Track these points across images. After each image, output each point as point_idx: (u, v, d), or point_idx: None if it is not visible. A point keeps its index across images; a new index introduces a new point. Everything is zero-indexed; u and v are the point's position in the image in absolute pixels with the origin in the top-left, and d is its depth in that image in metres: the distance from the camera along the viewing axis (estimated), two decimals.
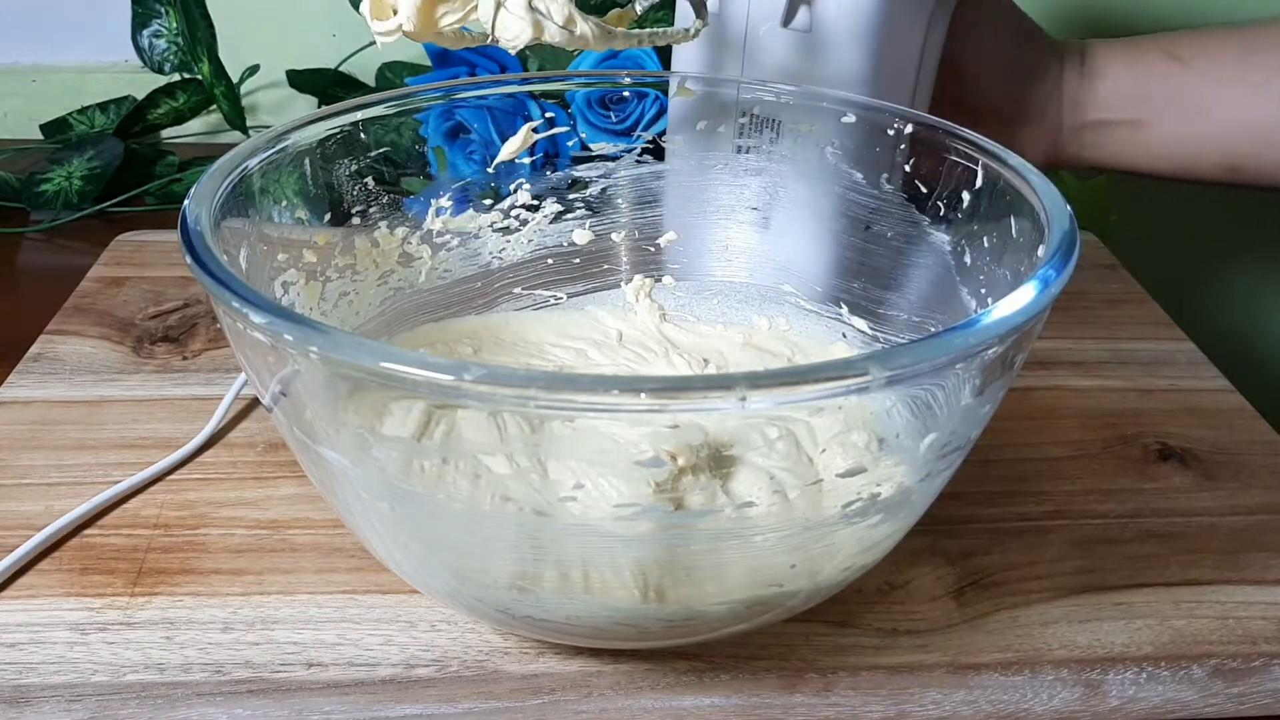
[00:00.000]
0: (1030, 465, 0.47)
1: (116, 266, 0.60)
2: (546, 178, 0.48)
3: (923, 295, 0.43)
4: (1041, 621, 0.39)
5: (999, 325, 0.28)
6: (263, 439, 0.47)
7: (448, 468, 0.33)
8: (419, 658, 0.37)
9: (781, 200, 0.47)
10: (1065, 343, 0.56)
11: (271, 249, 0.39)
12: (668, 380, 0.25)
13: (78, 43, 0.80)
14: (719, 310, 0.49)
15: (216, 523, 0.42)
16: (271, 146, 0.38)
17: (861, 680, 0.37)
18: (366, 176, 0.43)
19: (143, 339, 0.54)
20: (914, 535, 0.36)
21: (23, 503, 0.43)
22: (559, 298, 0.49)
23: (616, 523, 0.31)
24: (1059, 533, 0.43)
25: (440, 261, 0.47)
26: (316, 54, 0.78)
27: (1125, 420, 0.50)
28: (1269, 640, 0.39)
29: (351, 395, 0.32)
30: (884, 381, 0.26)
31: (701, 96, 0.46)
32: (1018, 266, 0.36)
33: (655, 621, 0.33)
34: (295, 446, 0.33)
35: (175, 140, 0.79)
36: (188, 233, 0.31)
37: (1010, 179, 0.37)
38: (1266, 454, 0.48)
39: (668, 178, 0.49)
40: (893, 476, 0.33)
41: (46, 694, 0.35)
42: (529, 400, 0.25)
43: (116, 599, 0.39)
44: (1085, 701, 0.37)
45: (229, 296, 0.28)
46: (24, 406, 0.48)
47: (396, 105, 0.43)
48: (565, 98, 0.51)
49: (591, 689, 0.36)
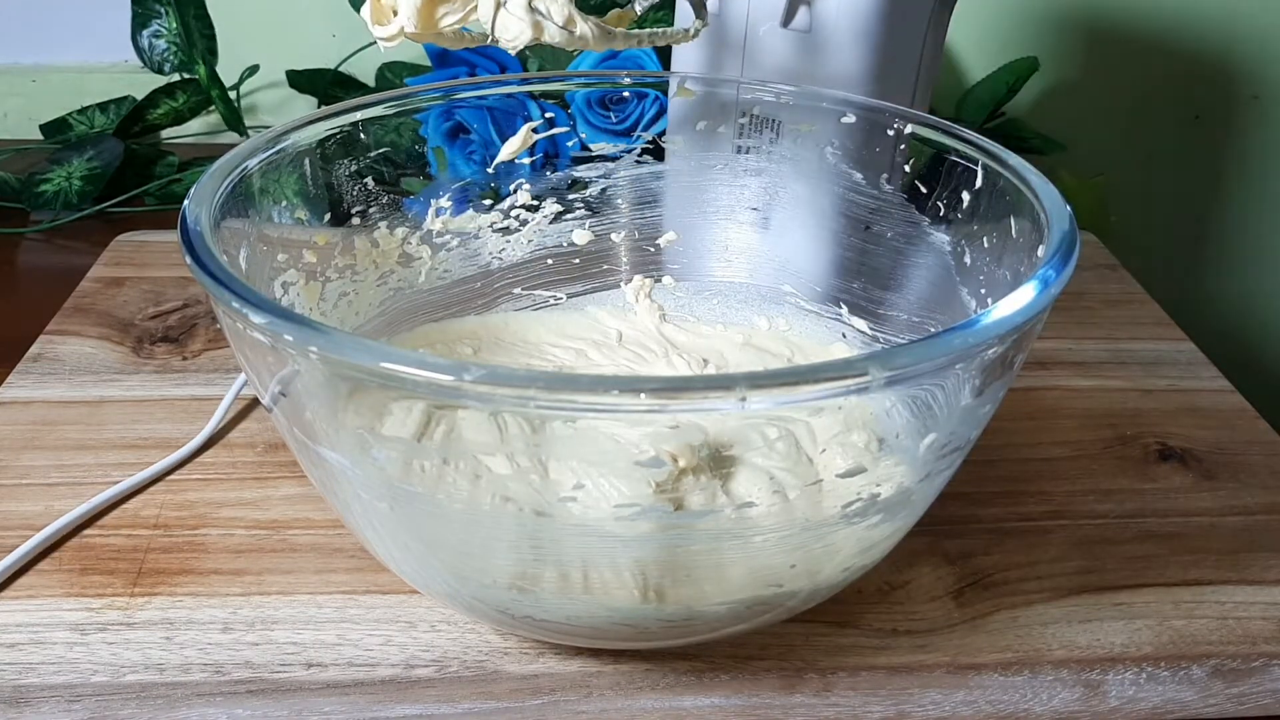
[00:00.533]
0: (1030, 465, 0.47)
1: (116, 266, 0.60)
2: (546, 178, 0.48)
3: (923, 295, 0.43)
4: (1041, 621, 0.39)
5: (999, 325, 0.28)
6: (263, 439, 0.47)
7: (448, 468, 0.33)
8: (419, 658, 0.37)
9: (781, 200, 0.47)
10: (1065, 343, 0.56)
11: (271, 249, 0.39)
12: (668, 380, 0.25)
13: (78, 43, 0.80)
14: (719, 310, 0.49)
15: (216, 523, 0.42)
16: (271, 147, 0.38)
17: (861, 680, 0.37)
18: (366, 177, 0.43)
19: (143, 339, 0.54)
20: (914, 535, 0.36)
21: (23, 503, 0.43)
22: (559, 298, 0.49)
23: (616, 523, 0.31)
24: (1059, 533, 0.43)
25: (440, 262, 0.47)
26: (316, 54, 0.78)
27: (1125, 420, 0.50)
28: (1269, 640, 0.39)
29: (351, 395, 0.32)
30: (884, 381, 0.26)
31: (701, 96, 0.46)
32: (1018, 266, 0.36)
33: (655, 621, 0.33)
34: (295, 447, 0.33)
35: (175, 140, 0.79)
36: (188, 233, 0.31)
37: (1010, 179, 0.37)
38: (1266, 454, 0.48)
39: (668, 178, 0.49)
40: (893, 476, 0.33)
41: (46, 694, 0.35)
42: (529, 400, 0.25)
43: (116, 599, 0.39)
44: (1085, 702, 0.37)
45: (229, 297, 0.28)
46: (24, 406, 0.48)
47: (396, 105, 0.43)
48: (565, 98, 0.51)
49: (591, 689, 0.36)
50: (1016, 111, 0.81)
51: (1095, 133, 0.85)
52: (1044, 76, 0.80)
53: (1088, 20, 0.82)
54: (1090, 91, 0.84)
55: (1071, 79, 0.84)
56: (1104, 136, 0.86)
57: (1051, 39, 0.83)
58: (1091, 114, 0.85)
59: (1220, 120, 0.87)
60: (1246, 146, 0.88)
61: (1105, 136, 0.86)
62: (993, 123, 0.78)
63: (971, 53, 0.82)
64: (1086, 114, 0.85)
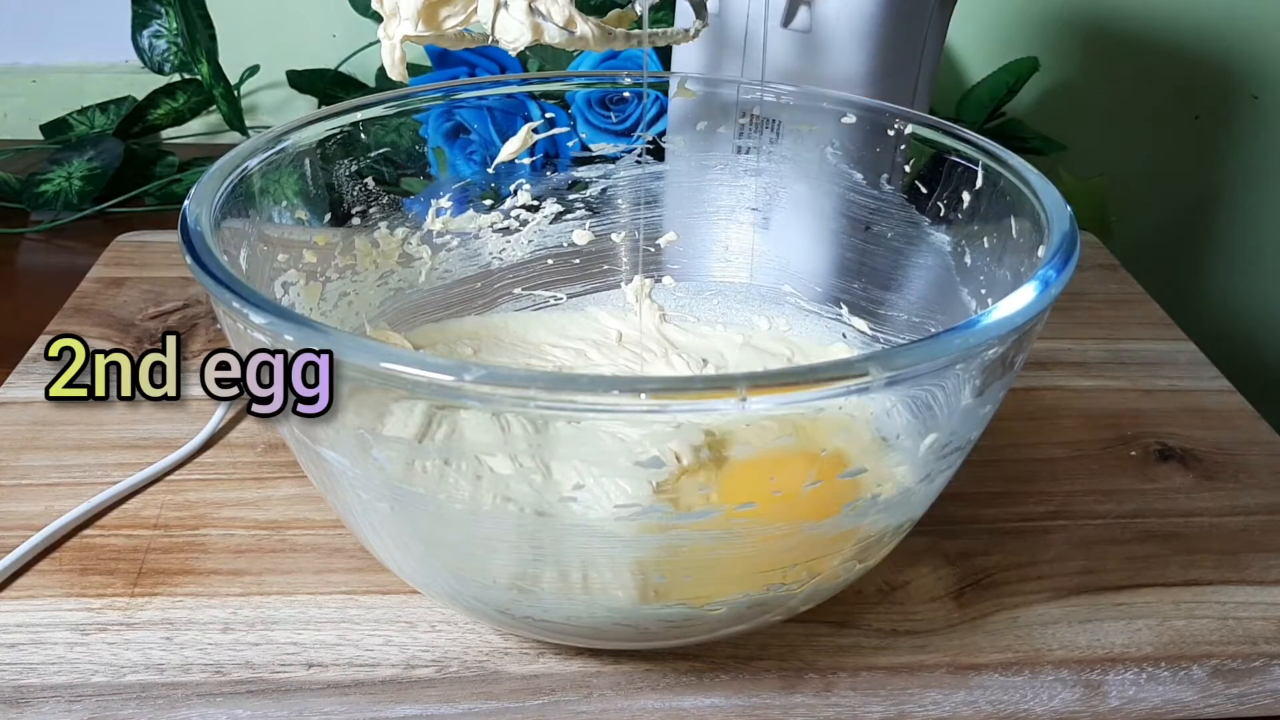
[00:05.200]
0: (1030, 465, 0.47)
1: (116, 267, 0.60)
2: (546, 178, 0.48)
3: (923, 296, 0.43)
4: (1041, 622, 0.39)
5: (999, 326, 0.28)
6: (263, 439, 0.47)
7: (449, 468, 0.33)
8: (419, 658, 0.37)
9: (781, 200, 0.47)
10: (1065, 343, 0.56)
11: (271, 249, 0.39)
12: (668, 380, 0.25)
13: (78, 43, 0.80)
14: (719, 311, 0.49)
15: (216, 523, 0.42)
16: (271, 147, 0.38)
17: (861, 681, 0.37)
18: (366, 177, 0.43)
19: (143, 339, 0.54)
20: (914, 535, 0.36)
21: (23, 503, 0.43)
22: (559, 298, 0.49)
23: (616, 523, 0.31)
24: (1059, 533, 0.43)
25: (440, 262, 0.47)
26: (316, 54, 0.78)
27: (1125, 420, 0.50)
28: (1269, 640, 0.39)
29: (352, 395, 0.32)
30: (884, 382, 0.26)
31: (701, 97, 0.46)
32: (1018, 267, 0.36)
33: (655, 621, 0.33)
34: (295, 447, 0.33)
35: (175, 141, 0.79)
36: (188, 233, 0.31)
37: (1010, 179, 0.37)
38: (1266, 454, 0.48)
39: (668, 178, 0.49)
40: (893, 476, 0.33)
41: (46, 694, 0.35)
42: (529, 401, 0.25)
43: (116, 599, 0.39)
44: (1085, 702, 0.37)
45: (229, 297, 0.28)
46: (24, 407, 0.48)
47: (396, 105, 0.43)
48: (565, 98, 0.51)
49: (591, 689, 0.36)
50: (1016, 111, 0.81)
51: (1095, 133, 0.85)
52: (1044, 76, 0.80)
53: (1088, 20, 0.82)
54: (1090, 91, 0.84)
55: (1071, 79, 0.84)
56: (1104, 136, 0.86)
57: (1051, 39, 0.83)
58: (1091, 114, 0.85)
59: (1220, 120, 0.87)
60: (1246, 146, 0.88)
61: (1105, 136, 0.86)
62: (993, 123, 0.78)
63: (971, 53, 0.82)
64: (1086, 114, 0.85)
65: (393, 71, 0.39)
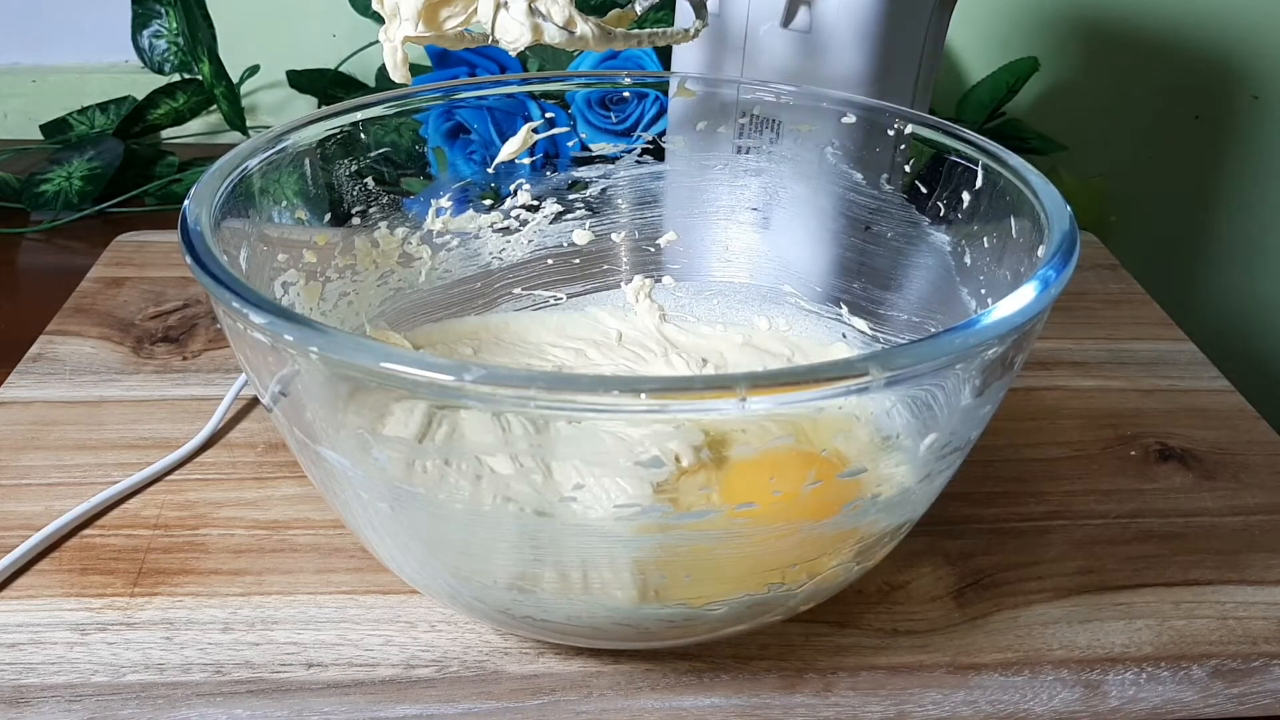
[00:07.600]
0: (1030, 465, 0.47)
1: (116, 267, 0.60)
2: (546, 178, 0.48)
3: (923, 295, 0.43)
4: (1041, 622, 0.39)
5: (999, 326, 0.28)
6: (263, 439, 0.47)
7: (449, 469, 0.33)
8: (419, 658, 0.37)
9: (781, 200, 0.47)
10: (1065, 343, 0.56)
11: (271, 249, 0.39)
12: (668, 380, 0.25)
13: (78, 43, 0.80)
14: (719, 310, 0.49)
15: (216, 523, 0.42)
16: (271, 147, 0.38)
17: (861, 680, 0.37)
18: (366, 177, 0.43)
19: (143, 339, 0.54)
20: (914, 535, 0.36)
21: (23, 503, 0.43)
22: (559, 298, 0.49)
23: (616, 523, 0.31)
24: (1059, 533, 0.43)
25: (440, 262, 0.47)
26: (316, 54, 0.78)
27: (1125, 420, 0.50)
28: (1269, 640, 0.39)
29: (352, 396, 0.32)
30: (884, 382, 0.26)
31: (701, 97, 0.46)
32: (1018, 267, 0.36)
33: (655, 621, 0.33)
34: (295, 447, 0.33)
35: (175, 140, 0.79)
36: (188, 233, 0.31)
37: (1010, 179, 0.37)
38: (1266, 454, 0.48)
39: (668, 178, 0.49)
40: (893, 476, 0.33)
41: (46, 694, 0.35)
42: (529, 401, 0.25)
43: (116, 599, 0.39)
44: (1085, 702, 0.37)
45: (229, 297, 0.28)
46: (24, 406, 0.48)
47: (396, 105, 0.43)
48: (565, 98, 0.51)
49: (591, 689, 0.36)
50: (1016, 111, 0.81)
51: (1095, 133, 0.85)
52: (1044, 76, 0.80)
53: (1088, 20, 0.82)
54: (1090, 91, 0.84)
55: (1071, 79, 0.84)
56: (1104, 136, 0.86)
57: (1051, 39, 0.83)
58: (1091, 114, 0.85)
59: (1220, 120, 0.87)
60: (1246, 146, 0.88)
61: (1105, 136, 0.86)
62: (993, 123, 0.78)
63: (971, 53, 0.82)
64: (1086, 114, 0.85)
65: (395, 73, 0.39)
